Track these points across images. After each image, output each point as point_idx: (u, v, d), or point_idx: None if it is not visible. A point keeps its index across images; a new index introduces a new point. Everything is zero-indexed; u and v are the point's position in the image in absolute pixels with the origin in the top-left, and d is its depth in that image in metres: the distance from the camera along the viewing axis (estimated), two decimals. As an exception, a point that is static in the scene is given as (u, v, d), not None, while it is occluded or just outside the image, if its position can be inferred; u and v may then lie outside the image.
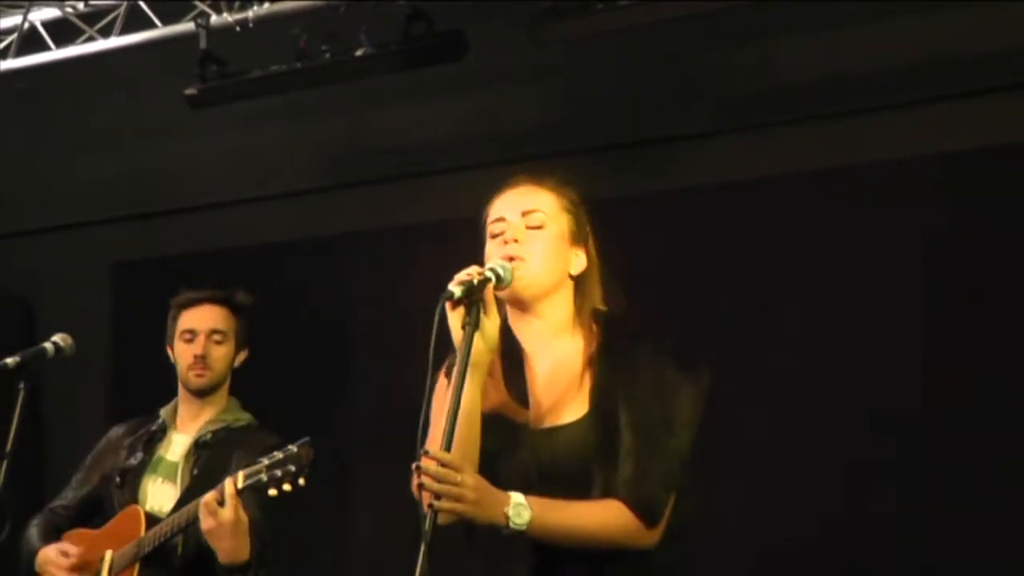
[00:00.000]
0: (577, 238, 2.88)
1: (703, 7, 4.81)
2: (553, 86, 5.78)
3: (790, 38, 5.32)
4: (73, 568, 3.92)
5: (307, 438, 3.49)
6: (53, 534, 4.12)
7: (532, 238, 2.81)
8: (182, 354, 4.06)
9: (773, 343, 5.08)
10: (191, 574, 3.80)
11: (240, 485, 3.53)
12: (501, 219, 2.85)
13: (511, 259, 2.77)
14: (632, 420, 2.69)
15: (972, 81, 4.94)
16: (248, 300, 4.14)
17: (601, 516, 2.66)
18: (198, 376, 4.05)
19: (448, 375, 2.84)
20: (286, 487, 3.46)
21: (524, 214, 2.83)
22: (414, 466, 2.54)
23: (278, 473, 3.46)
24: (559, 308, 2.84)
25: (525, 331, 2.85)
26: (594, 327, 2.84)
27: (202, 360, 4.04)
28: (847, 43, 5.21)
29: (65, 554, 3.96)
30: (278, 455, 3.49)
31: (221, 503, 3.54)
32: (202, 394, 4.07)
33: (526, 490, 2.66)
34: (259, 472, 3.50)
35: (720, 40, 5.39)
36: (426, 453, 2.55)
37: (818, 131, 5.23)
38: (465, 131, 5.78)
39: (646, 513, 2.67)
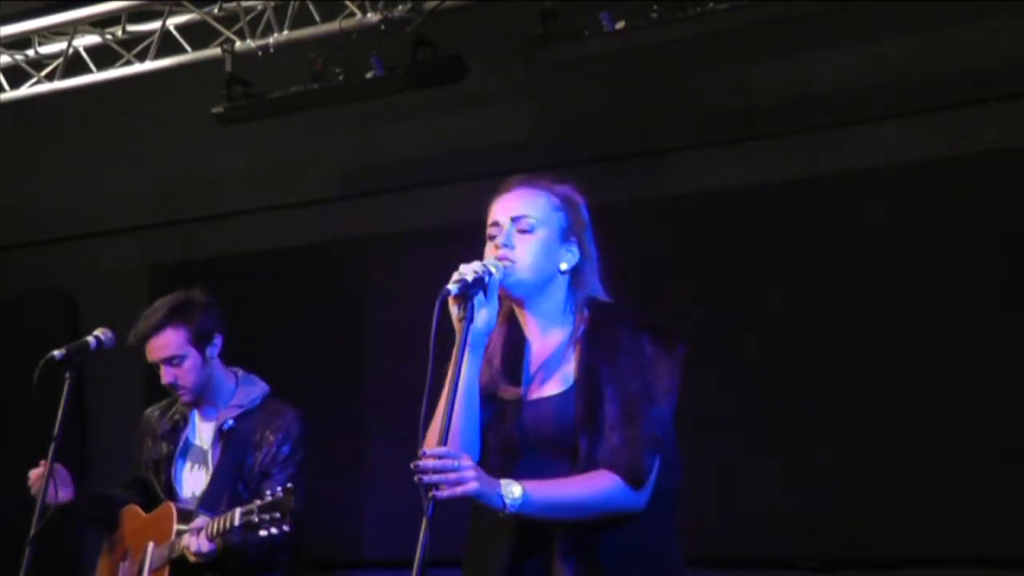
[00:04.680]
0: (570, 234, 2.86)
1: (681, 35, 4.81)
2: (545, 104, 5.75)
3: (759, 62, 5.31)
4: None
5: (291, 484, 3.54)
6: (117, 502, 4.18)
7: (522, 242, 2.81)
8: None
9: (749, 342, 5.08)
10: (214, 571, 3.84)
11: (237, 522, 3.56)
12: (496, 223, 2.85)
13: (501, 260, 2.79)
14: (616, 393, 2.69)
15: (921, 99, 4.94)
16: (187, 299, 4.04)
17: (591, 486, 2.66)
18: (181, 398, 4.05)
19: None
20: (273, 530, 3.49)
21: (515, 219, 2.82)
22: (412, 465, 2.56)
23: (267, 516, 3.48)
24: (549, 301, 2.84)
25: (524, 321, 2.87)
26: (584, 312, 2.83)
27: (173, 386, 4.02)
28: (809, 66, 5.20)
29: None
30: (269, 498, 3.50)
31: (209, 538, 3.66)
32: (196, 403, 4.07)
33: (511, 459, 2.70)
34: (252, 513, 3.52)
35: (697, 64, 5.36)
36: (424, 454, 2.56)
37: (785, 145, 5.23)
38: (465, 145, 5.77)
39: (633, 477, 2.65)
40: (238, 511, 3.56)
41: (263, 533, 3.49)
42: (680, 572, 2.81)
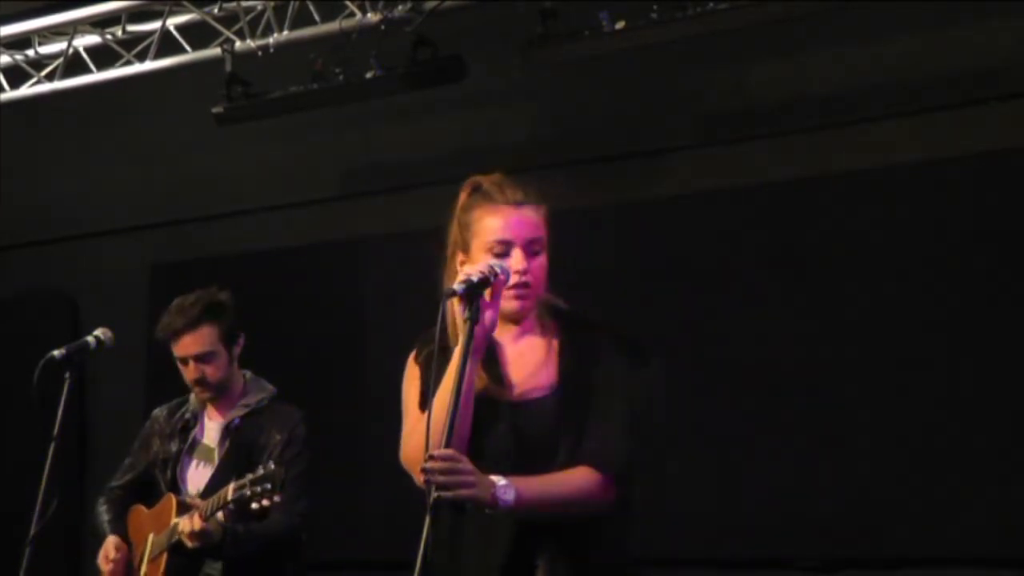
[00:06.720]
0: (548, 248, 2.91)
1: (681, 35, 4.80)
2: (544, 104, 5.76)
3: (759, 62, 5.31)
4: (113, 571, 4.02)
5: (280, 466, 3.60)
6: (121, 509, 4.18)
7: (533, 266, 2.83)
8: (185, 375, 4.06)
9: (749, 341, 5.08)
10: (215, 560, 3.87)
11: (231, 496, 3.60)
12: (506, 242, 2.82)
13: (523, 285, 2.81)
14: (597, 402, 2.78)
15: (919, 100, 4.95)
16: (220, 298, 4.06)
17: (575, 481, 2.73)
18: (203, 393, 4.07)
19: (418, 361, 2.89)
20: (264, 503, 3.54)
21: (528, 242, 2.82)
22: (420, 468, 2.59)
23: (258, 489, 3.54)
24: (531, 312, 2.90)
25: (501, 329, 2.86)
26: (551, 319, 2.90)
27: (199, 382, 4.03)
28: (809, 66, 5.21)
29: (108, 558, 4.03)
30: (261, 472, 3.56)
31: (203, 520, 3.71)
32: (214, 399, 4.09)
33: (504, 459, 2.72)
34: (244, 487, 3.57)
35: (697, 64, 5.37)
36: (431, 456, 2.59)
37: (785, 145, 5.22)
38: (464, 145, 5.76)
39: (616, 470, 2.75)
40: (231, 486, 3.61)
41: (255, 506, 3.53)
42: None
